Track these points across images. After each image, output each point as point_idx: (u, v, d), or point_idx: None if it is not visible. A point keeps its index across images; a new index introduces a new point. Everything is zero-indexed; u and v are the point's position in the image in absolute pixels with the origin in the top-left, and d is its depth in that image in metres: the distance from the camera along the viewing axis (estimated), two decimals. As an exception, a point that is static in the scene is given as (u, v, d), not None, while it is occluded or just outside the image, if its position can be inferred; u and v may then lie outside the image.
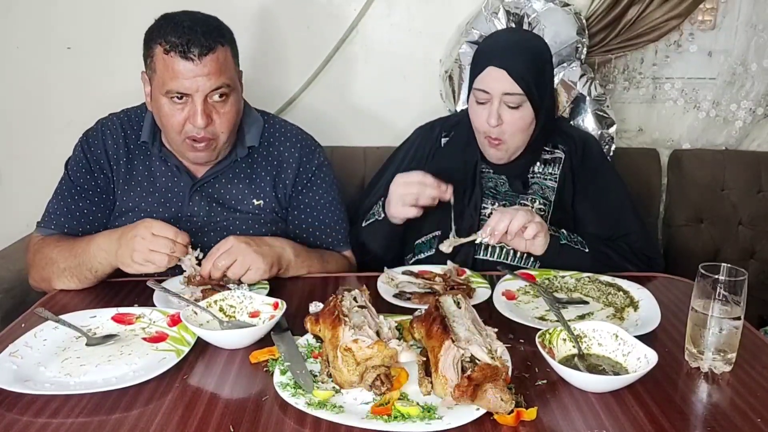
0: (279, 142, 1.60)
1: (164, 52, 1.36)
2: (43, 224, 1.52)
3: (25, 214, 1.99)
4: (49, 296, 1.39)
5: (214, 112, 1.41)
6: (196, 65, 1.35)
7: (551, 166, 1.63)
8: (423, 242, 1.62)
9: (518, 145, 1.56)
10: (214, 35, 1.38)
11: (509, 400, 0.90)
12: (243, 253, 1.32)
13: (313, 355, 1.09)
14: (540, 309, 1.29)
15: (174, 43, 1.35)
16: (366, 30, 2.11)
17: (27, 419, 0.93)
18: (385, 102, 2.18)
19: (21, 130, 2.19)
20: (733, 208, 2.13)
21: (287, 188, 1.58)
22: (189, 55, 1.34)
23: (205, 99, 1.38)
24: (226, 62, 1.40)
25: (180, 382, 1.03)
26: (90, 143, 1.54)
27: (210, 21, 1.41)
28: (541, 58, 1.54)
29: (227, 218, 1.53)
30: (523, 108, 1.50)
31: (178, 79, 1.36)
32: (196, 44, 1.34)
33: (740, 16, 2.14)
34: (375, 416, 0.91)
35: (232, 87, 1.42)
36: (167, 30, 1.36)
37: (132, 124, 1.56)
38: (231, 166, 1.54)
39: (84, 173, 1.53)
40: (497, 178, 1.63)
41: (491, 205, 1.59)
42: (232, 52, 1.44)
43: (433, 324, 1.02)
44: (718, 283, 1.05)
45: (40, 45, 2.11)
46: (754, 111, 2.19)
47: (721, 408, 0.97)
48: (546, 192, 1.61)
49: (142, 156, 1.54)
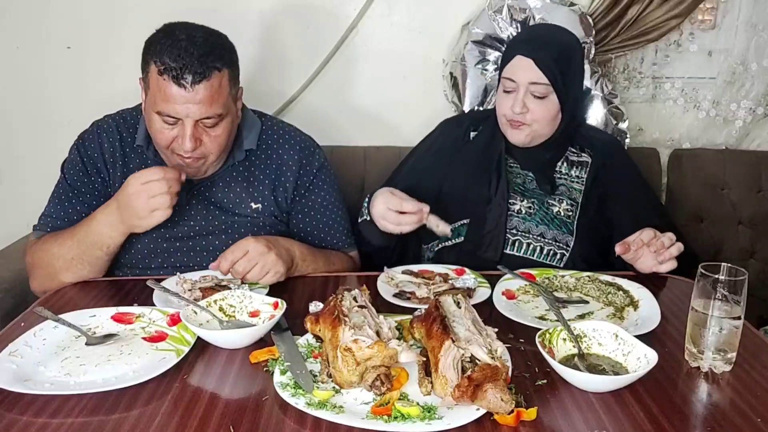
0: (278, 144, 1.57)
1: (158, 72, 1.32)
2: (39, 227, 1.51)
3: (25, 214, 1.99)
4: (48, 295, 1.39)
5: (205, 135, 1.38)
6: (188, 92, 1.31)
7: (578, 168, 1.64)
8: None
9: (542, 133, 1.58)
10: (211, 59, 1.32)
11: (509, 400, 0.89)
12: (263, 257, 1.32)
13: (313, 355, 1.09)
14: (540, 309, 1.29)
15: (168, 65, 1.30)
16: (366, 30, 2.11)
17: (27, 419, 0.93)
18: (385, 102, 2.18)
19: (21, 130, 2.19)
20: (733, 208, 2.12)
21: (288, 192, 1.57)
22: (182, 81, 1.30)
23: (195, 123, 1.35)
24: (221, 89, 1.35)
25: (180, 382, 1.03)
26: (86, 145, 1.53)
27: (210, 41, 1.36)
28: (570, 51, 1.56)
29: (225, 222, 1.52)
30: (549, 99, 1.53)
31: (168, 103, 1.32)
32: (190, 70, 1.30)
33: (740, 15, 2.14)
34: (375, 416, 0.91)
35: (224, 114, 1.38)
36: (164, 48, 1.32)
37: (128, 127, 1.54)
38: (228, 170, 1.53)
39: (81, 176, 1.51)
40: (525, 174, 1.64)
41: (519, 201, 1.60)
42: (230, 74, 1.38)
43: (433, 324, 1.01)
44: (718, 283, 1.05)
45: (40, 45, 2.11)
46: (754, 110, 2.19)
47: (721, 408, 0.97)
48: (573, 194, 1.61)
49: (138, 159, 1.52)
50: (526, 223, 1.58)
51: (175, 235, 1.50)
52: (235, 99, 1.44)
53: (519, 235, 1.58)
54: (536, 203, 1.60)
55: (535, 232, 1.58)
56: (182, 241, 1.51)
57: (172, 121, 1.35)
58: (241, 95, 1.47)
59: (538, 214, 1.58)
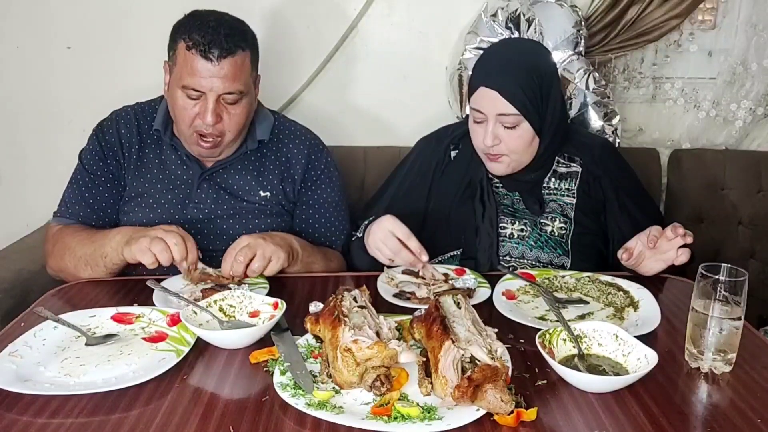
0: (288, 139, 1.64)
1: (186, 48, 1.40)
2: (59, 213, 1.56)
3: (25, 214, 2.00)
4: (49, 295, 1.39)
5: (225, 112, 1.45)
6: (214, 66, 1.39)
7: (567, 180, 1.57)
8: (439, 261, 1.57)
9: (520, 160, 1.52)
10: (237, 39, 1.42)
11: (509, 401, 0.89)
12: (261, 246, 1.35)
13: (313, 356, 1.09)
14: (540, 309, 1.29)
15: (197, 40, 1.39)
16: (366, 30, 2.11)
17: (27, 419, 0.93)
18: (386, 102, 2.18)
19: (21, 130, 2.19)
20: (733, 208, 2.13)
21: (296, 183, 1.62)
22: (209, 54, 1.39)
23: (217, 98, 1.42)
24: (244, 67, 1.44)
25: (180, 382, 1.03)
26: (104, 132, 1.59)
27: (235, 24, 1.46)
28: (538, 73, 1.46)
29: (234, 207, 1.57)
30: (521, 127, 1.46)
31: (195, 77, 1.40)
32: (217, 45, 1.39)
33: (740, 15, 2.14)
34: (375, 417, 0.91)
35: (245, 92, 1.45)
36: (193, 27, 1.41)
37: (145, 114, 1.61)
38: (240, 158, 1.59)
39: (97, 160, 1.57)
40: (512, 195, 1.59)
41: (510, 224, 1.55)
42: (252, 57, 1.47)
43: (433, 324, 1.01)
44: (719, 283, 1.05)
45: (40, 45, 2.11)
46: (754, 111, 2.19)
47: (721, 408, 0.97)
48: (565, 209, 1.55)
49: (154, 144, 1.59)
50: (519, 248, 1.53)
51: (185, 217, 1.55)
52: (255, 82, 1.53)
53: (514, 262, 1.53)
54: (528, 225, 1.54)
55: (530, 257, 1.53)
56: (191, 224, 1.54)
57: (195, 95, 1.42)
58: (258, 82, 1.55)
59: (532, 237, 1.53)
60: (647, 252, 1.37)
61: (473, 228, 1.54)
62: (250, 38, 1.48)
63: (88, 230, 1.50)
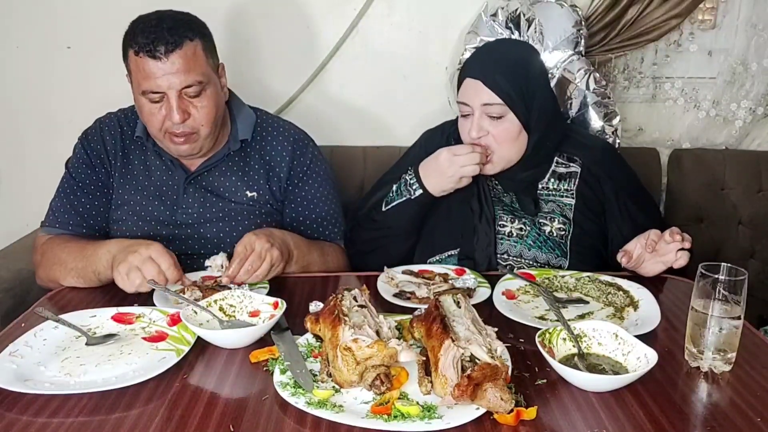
0: (271, 136, 1.62)
1: (135, 53, 1.39)
2: (48, 223, 1.54)
3: (25, 214, 1.99)
4: (49, 295, 1.39)
5: (191, 107, 1.43)
6: (164, 63, 1.37)
7: (566, 181, 1.57)
8: (437, 260, 1.58)
9: (509, 156, 1.52)
10: (181, 30, 1.39)
11: (509, 400, 0.90)
12: (269, 253, 1.35)
13: (313, 355, 1.09)
14: (540, 308, 1.29)
15: (142, 43, 1.37)
16: (366, 30, 2.11)
17: (27, 419, 0.93)
18: (385, 102, 2.18)
19: (21, 129, 2.19)
20: (733, 208, 2.12)
21: (282, 182, 1.61)
22: (156, 53, 1.36)
23: (179, 95, 1.40)
24: (196, 57, 1.41)
25: (180, 381, 1.03)
26: (90, 140, 1.57)
27: (178, 17, 1.43)
28: (525, 67, 1.48)
29: (222, 209, 1.55)
30: (506, 118, 1.47)
31: (149, 79, 1.38)
32: (162, 41, 1.36)
33: (740, 15, 2.14)
34: (375, 415, 0.91)
35: (205, 82, 1.43)
36: (136, 31, 1.39)
37: (128, 121, 1.59)
38: (224, 160, 1.57)
39: (85, 169, 1.55)
40: (511, 195, 1.59)
41: (510, 223, 1.54)
42: (204, 45, 1.43)
43: (433, 323, 1.01)
44: (718, 283, 1.05)
45: (40, 45, 2.11)
46: (754, 110, 2.19)
47: (721, 408, 0.97)
48: (564, 210, 1.55)
49: (138, 151, 1.57)
50: (518, 247, 1.53)
51: (174, 222, 1.54)
52: (216, 71, 1.49)
53: (511, 260, 1.53)
54: (528, 223, 1.53)
55: (527, 257, 1.52)
56: (181, 229, 1.54)
57: (157, 98, 1.40)
58: (223, 71, 1.52)
59: (530, 236, 1.52)
60: (646, 255, 1.37)
61: (471, 227, 1.55)
62: (198, 27, 1.44)
63: (78, 241, 1.46)
